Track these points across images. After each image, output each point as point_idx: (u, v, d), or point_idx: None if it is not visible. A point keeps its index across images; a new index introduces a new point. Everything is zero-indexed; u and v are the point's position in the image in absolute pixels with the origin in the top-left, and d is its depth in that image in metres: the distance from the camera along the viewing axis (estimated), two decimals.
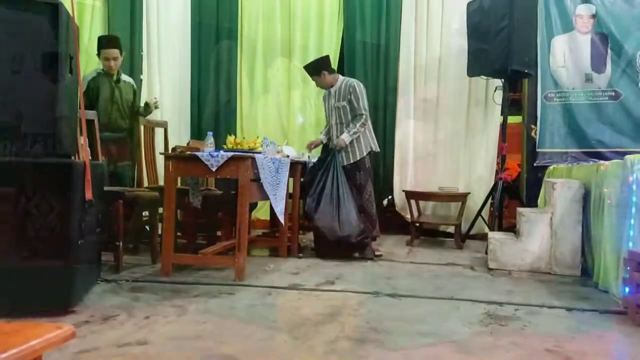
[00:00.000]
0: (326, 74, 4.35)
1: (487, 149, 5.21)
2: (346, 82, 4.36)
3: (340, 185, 4.14)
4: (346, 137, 4.26)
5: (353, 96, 4.28)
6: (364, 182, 4.30)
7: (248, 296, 2.84)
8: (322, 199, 4.09)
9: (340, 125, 4.39)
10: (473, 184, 5.22)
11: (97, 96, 4.12)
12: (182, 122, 5.60)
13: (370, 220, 4.31)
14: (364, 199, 4.29)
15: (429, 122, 5.40)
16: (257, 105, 5.82)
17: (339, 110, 4.36)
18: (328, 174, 4.17)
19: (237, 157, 3.16)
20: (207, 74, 5.86)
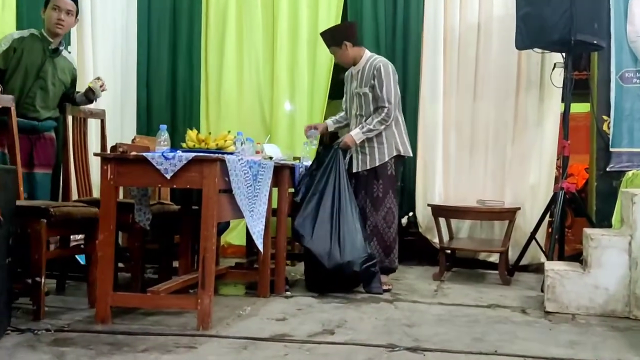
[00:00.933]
0: (349, 45, 4.41)
1: (543, 148, 5.24)
2: (372, 61, 4.42)
3: (344, 196, 4.17)
4: (357, 135, 4.30)
5: (377, 81, 4.33)
6: (382, 195, 4.34)
7: (216, 351, 2.83)
8: (318, 215, 4.11)
9: (360, 119, 4.44)
10: (524, 195, 5.24)
11: (16, 65, 4.10)
12: (124, 111, 5.62)
13: (384, 246, 4.34)
14: (379, 216, 4.33)
15: (464, 112, 5.43)
16: (229, 88, 5.85)
17: (360, 98, 4.42)
18: (328, 180, 4.20)
19: (200, 160, 3.16)
20: (159, 45, 5.88)
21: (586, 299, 3.73)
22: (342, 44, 4.40)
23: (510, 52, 5.08)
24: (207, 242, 3.16)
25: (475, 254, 5.34)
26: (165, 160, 3.14)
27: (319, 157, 4.35)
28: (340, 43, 4.40)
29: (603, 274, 3.71)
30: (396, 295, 4.20)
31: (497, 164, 5.35)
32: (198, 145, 3.44)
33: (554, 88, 5.05)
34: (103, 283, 3.22)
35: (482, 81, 5.40)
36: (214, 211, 3.15)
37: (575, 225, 6.10)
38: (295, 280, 4.64)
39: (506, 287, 4.62)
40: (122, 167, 3.22)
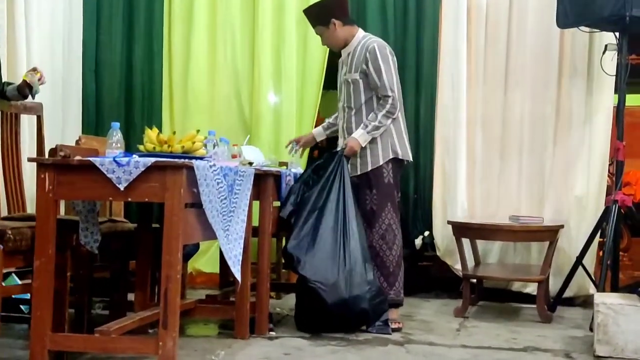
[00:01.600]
0: (338, 24, 4.44)
1: (592, 151, 5.27)
2: (365, 41, 4.44)
3: (350, 214, 4.20)
4: (361, 136, 4.32)
5: (372, 65, 4.35)
6: (378, 208, 4.35)
7: None
8: (318, 236, 4.13)
9: (348, 111, 4.45)
10: (568, 210, 5.27)
11: None
12: (67, 104, 5.62)
13: (387, 273, 4.34)
14: (375, 235, 4.34)
15: (493, 106, 5.47)
16: (198, 76, 5.86)
17: (349, 86, 4.44)
18: (330, 194, 4.22)
19: (162, 166, 3.15)
20: (110, 23, 5.89)
21: None
22: (329, 22, 4.42)
23: (551, 31, 5.13)
24: (170, 270, 3.14)
25: (507, 284, 5.35)
26: (117, 167, 3.13)
27: (319, 166, 4.35)
28: (328, 22, 4.42)
29: None
30: (408, 335, 4.20)
31: (534, 171, 5.38)
32: (159, 149, 3.43)
33: (605, 76, 5.07)
34: (39, 321, 3.20)
35: (515, 68, 5.44)
36: (179, 231, 3.14)
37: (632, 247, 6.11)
38: (282, 317, 4.64)
39: (546, 325, 4.62)
40: (63, 175, 3.21)
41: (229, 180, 3.53)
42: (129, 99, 5.93)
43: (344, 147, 4.33)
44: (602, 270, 4.48)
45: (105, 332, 3.31)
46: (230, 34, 5.85)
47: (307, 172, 4.38)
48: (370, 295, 4.09)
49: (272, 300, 4.80)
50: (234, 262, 3.57)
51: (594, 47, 5.24)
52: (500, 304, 5.30)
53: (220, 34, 5.86)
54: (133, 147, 3.80)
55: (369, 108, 4.40)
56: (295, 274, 4.24)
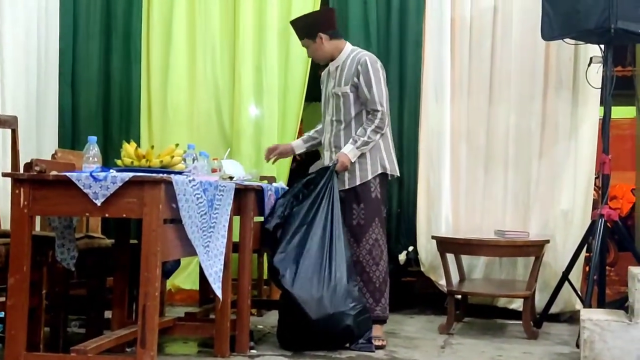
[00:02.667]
0: (325, 38, 4.48)
1: (578, 164, 5.30)
2: (354, 55, 4.49)
3: (337, 230, 4.21)
4: (351, 152, 4.35)
5: (363, 78, 4.39)
6: (366, 223, 4.37)
7: None
8: (305, 251, 4.14)
9: (337, 125, 4.48)
10: (554, 225, 5.29)
11: None
12: (43, 117, 5.61)
13: (373, 289, 4.36)
14: (363, 249, 4.36)
15: (477, 118, 5.50)
16: (177, 89, 5.86)
17: (338, 99, 4.46)
18: (319, 209, 4.23)
19: (140, 181, 3.15)
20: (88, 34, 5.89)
21: (633, 357, 3.74)
22: (316, 36, 4.46)
23: (536, 43, 5.17)
24: (148, 287, 3.14)
25: (492, 300, 5.37)
26: (94, 182, 3.13)
27: (309, 181, 4.37)
28: (315, 35, 4.46)
29: None
30: (392, 353, 4.20)
31: (519, 185, 5.41)
32: (137, 163, 3.44)
33: (591, 88, 5.12)
34: (13, 341, 3.19)
35: (499, 80, 5.47)
36: (158, 247, 3.14)
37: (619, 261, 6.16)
38: (263, 334, 4.63)
39: (532, 341, 4.63)
40: (39, 190, 3.20)
41: (208, 195, 3.53)
42: (107, 113, 5.91)
43: (335, 163, 4.35)
44: (589, 285, 4.50)
45: (82, 352, 3.30)
46: (211, 47, 5.85)
47: (297, 186, 4.39)
48: (354, 312, 4.10)
49: (253, 318, 4.80)
50: (215, 279, 3.56)
51: (579, 59, 5.28)
52: (485, 321, 5.31)
53: (200, 47, 5.85)
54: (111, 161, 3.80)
55: (358, 122, 4.43)
56: (278, 288, 4.23)
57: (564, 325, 5.11)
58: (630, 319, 3.81)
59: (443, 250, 4.98)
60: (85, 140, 3.42)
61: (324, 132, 4.63)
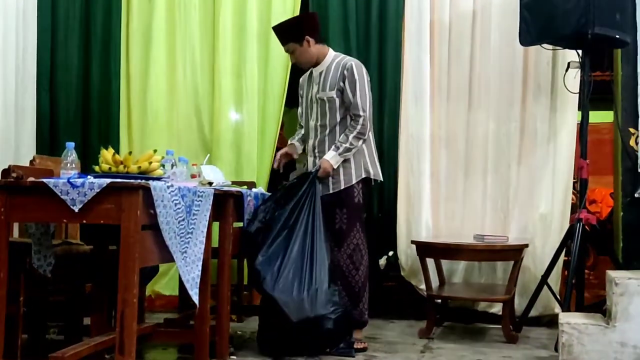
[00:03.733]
0: (311, 41, 4.50)
1: (557, 169, 5.35)
2: (340, 60, 4.53)
3: (318, 234, 4.23)
4: (333, 158, 4.38)
5: (348, 83, 4.42)
6: (347, 227, 4.40)
7: None
8: (287, 255, 4.16)
9: (322, 130, 4.51)
10: (533, 229, 5.33)
11: None
12: (20, 123, 5.61)
13: (352, 293, 4.38)
14: (343, 254, 4.39)
15: (457, 123, 5.54)
16: (157, 94, 5.86)
17: (324, 104, 4.49)
18: (301, 214, 4.25)
19: (117, 187, 3.15)
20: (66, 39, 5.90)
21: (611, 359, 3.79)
22: (302, 39, 4.48)
23: (514, 48, 5.23)
24: (126, 294, 3.13)
25: (472, 304, 5.40)
26: (72, 189, 3.12)
27: (292, 185, 4.39)
28: (301, 38, 4.48)
29: (632, 328, 3.75)
30: (372, 357, 4.22)
31: (498, 190, 5.45)
32: (115, 169, 3.43)
33: (569, 93, 5.17)
34: None
35: (479, 85, 5.52)
36: (136, 253, 3.13)
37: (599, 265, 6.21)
38: (244, 340, 4.64)
39: (512, 345, 4.66)
40: (15, 197, 3.19)
41: (187, 201, 3.53)
42: (86, 119, 5.91)
43: (318, 169, 4.37)
44: (567, 289, 4.53)
45: (60, 358, 3.28)
46: (190, 53, 5.86)
47: (279, 191, 4.41)
48: (335, 316, 4.10)
49: (233, 323, 4.80)
50: (192, 285, 3.56)
51: (558, 64, 5.33)
52: (465, 325, 5.35)
53: (179, 53, 5.86)
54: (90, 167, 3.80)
55: (342, 127, 4.46)
56: (259, 292, 4.24)
57: (543, 329, 5.14)
58: (607, 323, 3.83)
59: (423, 255, 5.00)
60: (64, 146, 3.40)
61: (307, 137, 4.64)
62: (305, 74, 4.71)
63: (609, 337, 3.80)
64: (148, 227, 3.35)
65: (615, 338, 3.79)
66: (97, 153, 3.63)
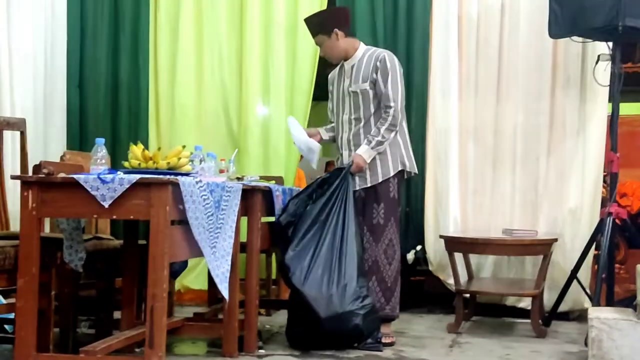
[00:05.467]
0: (340, 35, 4.50)
1: (587, 162, 5.32)
2: (372, 52, 4.54)
3: (349, 230, 4.25)
4: (366, 152, 4.39)
5: (381, 74, 4.43)
6: (384, 222, 4.41)
7: None
8: (317, 250, 4.19)
9: (356, 123, 4.52)
10: (563, 223, 5.32)
11: None
12: (51, 119, 5.68)
13: (385, 288, 4.40)
14: (380, 249, 4.40)
15: (485, 116, 5.53)
16: (185, 90, 5.91)
17: (357, 97, 4.50)
18: (332, 209, 4.27)
19: (147, 183, 3.18)
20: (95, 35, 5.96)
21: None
22: (332, 31, 4.48)
23: (543, 40, 5.18)
24: (156, 288, 3.17)
25: (501, 299, 5.39)
26: (102, 184, 3.16)
27: (324, 180, 4.41)
28: (330, 31, 4.48)
29: None
30: (400, 352, 4.23)
31: (527, 183, 5.43)
32: (144, 165, 3.46)
33: (599, 87, 5.12)
34: (23, 342, 3.22)
35: (507, 78, 5.49)
36: (165, 248, 3.17)
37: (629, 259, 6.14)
38: (272, 334, 4.66)
39: (541, 340, 4.67)
40: (47, 192, 3.23)
41: (215, 196, 3.56)
42: (115, 114, 5.97)
43: (350, 164, 4.38)
44: (597, 284, 4.52)
45: (91, 352, 3.33)
46: (218, 47, 5.89)
47: (312, 185, 4.43)
48: (364, 311, 4.12)
49: (261, 317, 4.83)
50: (222, 280, 3.59)
51: (587, 56, 5.28)
52: (494, 319, 5.34)
53: (207, 47, 5.89)
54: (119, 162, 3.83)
55: (377, 119, 4.46)
56: (288, 286, 4.26)
57: (572, 324, 5.13)
58: (638, 318, 3.81)
59: (451, 250, 5.00)
60: (94, 142, 3.44)
61: (339, 131, 4.65)
62: (335, 69, 4.72)
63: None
64: (177, 222, 3.39)
65: None
66: (126, 148, 3.67)
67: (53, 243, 3.72)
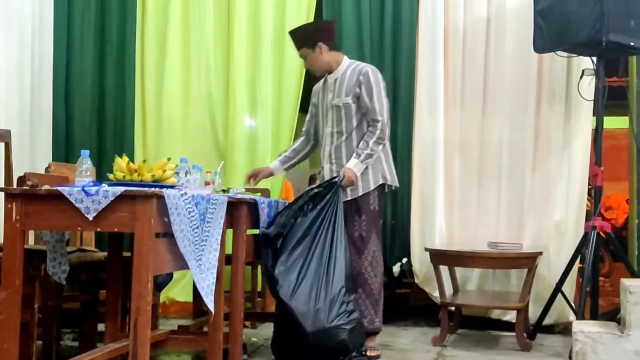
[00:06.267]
0: (324, 48, 4.53)
1: (571, 176, 5.33)
2: (355, 66, 4.57)
3: (339, 244, 4.24)
4: (356, 166, 4.40)
5: (365, 88, 4.46)
6: (366, 234, 4.42)
7: None
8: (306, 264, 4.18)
9: (338, 137, 4.53)
10: (548, 237, 5.32)
11: None
12: (36, 131, 5.65)
13: (373, 300, 4.41)
14: (365, 262, 4.41)
15: (471, 130, 5.55)
16: (171, 102, 5.90)
17: (339, 111, 4.52)
18: (322, 223, 4.26)
19: (131, 196, 3.16)
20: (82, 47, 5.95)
21: None
22: (316, 45, 4.51)
23: (529, 55, 5.21)
24: (140, 301, 3.15)
25: (486, 312, 5.40)
26: (86, 197, 3.14)
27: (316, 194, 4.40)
28: (314, 44, 4.51)
29: None
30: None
31: (513, 197, 5.44)
32: (129, 177, 3.45)
33: (584, 100, 5.16)
34: (5, 355, 3.18)
35: (493, 91, 5.52)
36: (149, 261, 3.14)
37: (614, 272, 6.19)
38: (257, 347, 4.66)
39: (525, 353, 4.66)
40: (31, 204, 3.20)
41: (201, 209, 3.55)
42: (101, 126, 5.97)
43: (342, 178, 4.37)
44: (582, 297, 4.54)
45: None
46: (205, 59, 5.89)
47: (303, 198, 4.40)
48: (350, 326, 4.10)
49: (247, 330, 4.82)
50: (207, 292, 3.57)
51: (572, 71, 5.31)
52: (479, 332, 5.34)
53: (194, 59, 5.89)
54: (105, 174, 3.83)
55: (359, 133, 4.49)
56: (275, 299, 4.25)
57: (557, 337, 5.13)
58: (622, 331, 3.84)
59: (436, 262, 5.00)
60: (80, 153, 3.41)
61: (322, 145, 4.66)
62: (319, 83, 4.74)
63: (623, 346, 3.79)
64: (162, 234, 3.38)
65: (630, 347, 3.78)
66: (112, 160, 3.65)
67: (37, 255, 3.71)
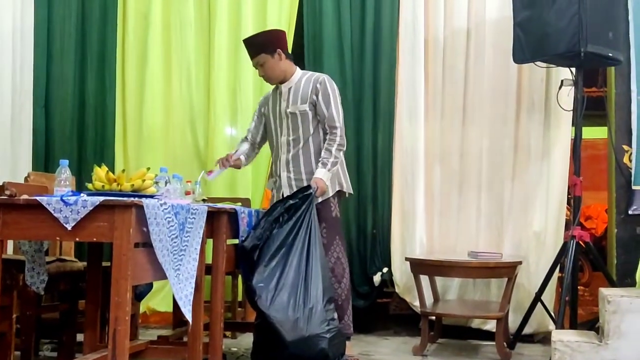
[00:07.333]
0: (282, 55, 4.54)
1: (551, 185, 5.36)
2: (310, 75, 4.60)
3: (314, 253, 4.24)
4: (325, 175, 4.42)
5: (322, 96, 4.48)
6: (328, 241, 4.46)
7: None
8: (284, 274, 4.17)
9: (295, 145, 4.53)
10: (527, 246, 5.34)
11: None
12: (17, 140, 5.63)
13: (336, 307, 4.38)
14: None
15: (451, 140, 5.56)
16: (152, 111, 5.90)
17: (295, 118, 4.52)
18: (298, 233, 4.26)
19: (110, 205, 3.15)
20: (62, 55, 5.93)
21: None
22: (275, 51, 4.52)
23: (508, 65, 5.24)
24: (119, 311, 3.13)
25: (466, 321, 5.40)
26: (65, 206, 3.13)
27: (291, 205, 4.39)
28: (274, 51, 4.52)
29: (624, 345, 3.76)
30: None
31: (493, 206, 5.46)
32: (108, 187, 3.44)
33: (562, 111, 5.19)
34: None
35: (473, 101, 5.54)
36: (128, 271, 3.13)
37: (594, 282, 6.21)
38: (237, 357, 4.64)
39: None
40: (9, 214, 3.19)
41: (180, 219, 3.54)
42: (81, 135, 5.95)
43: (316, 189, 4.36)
44: (561, 306, 4.55)
45: None
46: (186, 69, 5.90)
47: (277, 208, 4.39)
48: (330, 335, 4.09)
49: (227, 340, 4.80)
50: (185, 302, 3.55)
51: (551, 81, 5.35)
52: (459, 341, 5.34)
53: (175, 69, 5.91)
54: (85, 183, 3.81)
55: (315, 140, 4.52)
56: (254, 309, 4.24)
57: (537, 346, 5.15)
58: (600, 340, 3.85)
59: (417, 272, 5.00)
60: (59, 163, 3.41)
61: (277, 154, 4.65)
62: (268, 92, 4.77)
63: (602, 355, 3.80)
64: (142, 244, 3.37)
65: (608, 356, 3.79)
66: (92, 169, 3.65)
67: (15, 265, 3.69)
